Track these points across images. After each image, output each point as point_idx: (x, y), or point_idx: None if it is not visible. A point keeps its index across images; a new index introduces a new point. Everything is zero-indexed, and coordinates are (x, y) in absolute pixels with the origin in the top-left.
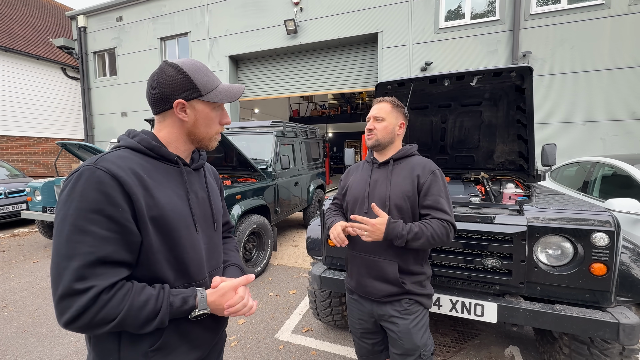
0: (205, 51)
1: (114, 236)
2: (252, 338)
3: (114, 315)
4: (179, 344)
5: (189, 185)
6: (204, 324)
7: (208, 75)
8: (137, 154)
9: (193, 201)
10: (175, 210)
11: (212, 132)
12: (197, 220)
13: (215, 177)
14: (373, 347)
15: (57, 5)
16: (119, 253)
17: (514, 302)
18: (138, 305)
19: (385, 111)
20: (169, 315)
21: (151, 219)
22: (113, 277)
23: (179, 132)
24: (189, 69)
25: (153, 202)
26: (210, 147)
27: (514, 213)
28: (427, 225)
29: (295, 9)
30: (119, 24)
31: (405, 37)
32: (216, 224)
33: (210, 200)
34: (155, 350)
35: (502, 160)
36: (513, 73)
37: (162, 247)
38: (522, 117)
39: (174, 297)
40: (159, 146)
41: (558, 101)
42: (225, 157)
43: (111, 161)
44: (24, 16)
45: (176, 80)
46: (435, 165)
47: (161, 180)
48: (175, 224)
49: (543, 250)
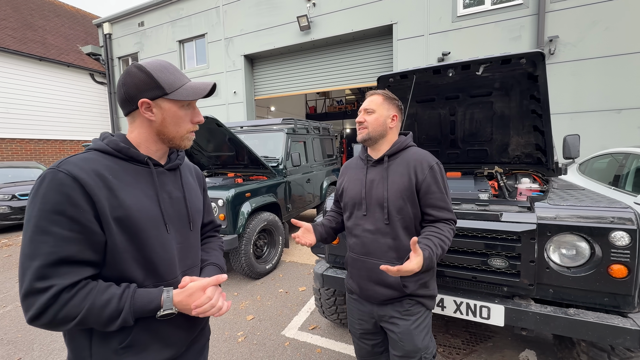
0: (222, 51)
1: (77, 236)
2: (259, 334)
3: (76, 313)
4: (149, 342)
5: (160, 185)
6: (176, 323)
7: (174, 73)
8: (105, 156)
9: (165, 201)
10: (142, 211)
11: (182, 130)
12: (168, 220)
13: (197, 176)
14: (373, 348)
15: (85, 14)
16: (83, 253)
17: (523, 305)
18: (100, 304)
19: (376, 103)
20: (132, 314)
21: (116, 220)
22: (75, 276)
23: (148, 132)
24: (153, 69)
25: (118, 202)
26: (183, 146)
27: (524, 210)
28: (443, 237)
29: (308, 4)
30: (141, 29)
31: (421, 28)
32: (192, 224)
33: (185, 200)
34: (126, 348)
35: (517, 153)
36: (523, 60)
37: (130, 247)
38: (537, 107)
39: (138, 297)
40: (127, 147)
41: (589, 88)
42: (237, 155)
43: (74, 163)
44: (56, 26)
45: (140, 80)
46: (432, 158)
47: (129, 181)
48: (142, 224)
49: (556, 250)
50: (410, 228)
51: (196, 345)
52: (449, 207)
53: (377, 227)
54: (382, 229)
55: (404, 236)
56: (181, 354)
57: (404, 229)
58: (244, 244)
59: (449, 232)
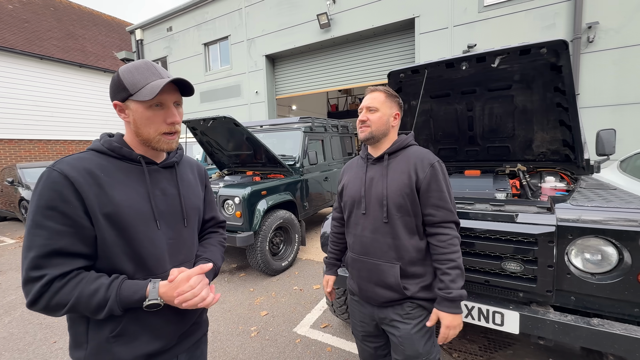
0: (244, 52)
1: (68, 230)
2: (271, 330)
3: (66, 300)
4: (139, 333)
5: (153, 182)
6: (165, 316)
7: (143, 73)
8: (100, 155)
9: (157, 197)
10: (132, 207)
11: (152, 131)
12: (159, 216)
13: (199, 173)
14: (376, 351)
15: (120, 22)
16: (74, 245)
17: (541, 312)
18: (88, 293)
19: (378, 101)
20: (118, 304)
21: (105, 215)
22: (66, 267)
23: (131, 133)
24: (123, 70)
25: (107, 199)
26: (160, 148)
27: (543, 211)
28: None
29: (328, 2)
30: (169, 34)
31: (444, 20)
32: (186, 220)
33: (180, 197)
34: (116, 337)
35: (543, 150)
36: (544, 49)
37: (119, 242)
38: (563, 100)
39: (125, 287)
40: (119, 147)
41: (634, 78)
42: (255, 154)
43: (67, 162)
44: (94, 34)
45: (113, 83)
46: (433, 156)
47: (121, 179)
48: (130, 220)
49: (579, 254)
50: (411, 227)
51: (190, 339)
52: (449, 207)
53: (376, 226)
54: (382, 228)
55: (404, 235)
56: (172, 347)
57: (404, 228)
58: (259, 241)
59: (454, 241)
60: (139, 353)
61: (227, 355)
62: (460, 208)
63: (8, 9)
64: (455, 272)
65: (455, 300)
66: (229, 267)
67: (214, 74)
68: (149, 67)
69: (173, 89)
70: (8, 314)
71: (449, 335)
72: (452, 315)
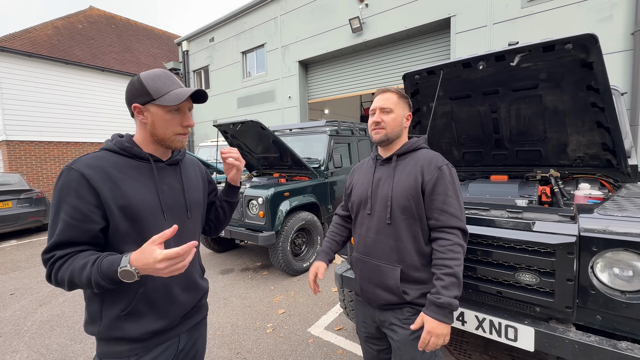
0: (278, 59)
1: (78, 224)
2: (286, 328)
3: (64, 276)
4: (147, 313)
5: (160, 178)
6: (169, 298)
7: (165, 82)
8: (113, 154)
9: (164, 192)
10: (142, 200)
11: (169, 133)
12: (166, 208)
13: (200, 170)
14: (378, 354)
15: (170, 35)
16: (81, 237)
17: (560, 330)
18: (79, 268)
19: (392, 102)
20: (101, 276)
21: (119, 208)
22: (70, 251)
23: (145, 133)
24: (145, 77)
25: (121, 193)
26: (174, 147)
27: (565, 220)
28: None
29: (361, 5)
30: (211, 44)
31: (483, 18)
32: (189, 212)
33: (184, 192)
34: (127, 315)
35: (579, 154)
36: (569, 45)
37: (131, 231)
38: (597, 99)
39: (105, 261)
40: (130, 147)
41: None
42: (282, 157)
43: (84, 162)
44: (147, 47)
45: (134, 87)
46: (443, 159)
47: (132, 175)
48: (141, 212)
49: (606, 269)
50: (415, 231)
51: (190, 320)
52: (455, 212)
53: (380, 227)
54: (385, 229)
55: (407, 238)
56: (175, 326)
57: (408, 231)
58: (281, 241)
59: (452, 248)
60: (145, 330)
61: (242, 348)
62: (474, 214)
63: (78, 28)
64: (450, 279)
65: (442, 306)
66: (253, 265)
67: (250, 80)
68: (168, 76)
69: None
70: (63, 295)
71: (430, 342)
72: (436, 322)
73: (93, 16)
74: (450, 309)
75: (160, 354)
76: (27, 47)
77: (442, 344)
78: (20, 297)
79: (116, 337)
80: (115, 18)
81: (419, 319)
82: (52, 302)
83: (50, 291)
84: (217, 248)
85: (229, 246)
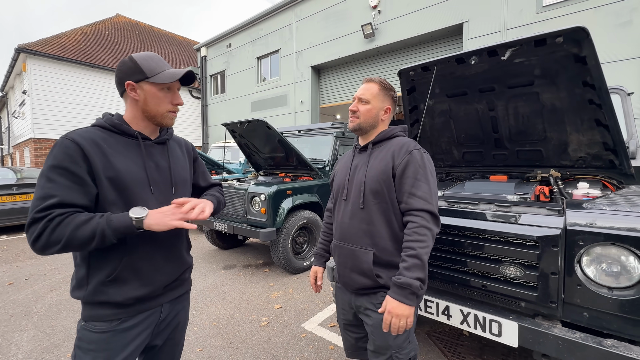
0: (292, 64)
1: (75, 186)
2: (281, 322)
3: (64, 233)
4: (130, 279)
5: (148, 155)
6: (152, 265)
7: (157, 62)
8: (103, 130)
9: (151, 168)
10: (130, 173)
11: (161, 109)
12: (153, 183)
13: (187, 150)
14: (357, 342)
15: (189, 42)
16: (80, 199)
17: (544, 326)
18: (81, 222)
19: (371, 93)
20: (107, 225)
21: (108, 178)
22: (70, 210)
23: (135, 110)
24: (138, 57)
25: (109, 165)
26: (165, 124)
27: (553, 213)
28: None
29: (373, 12)
30: (228, 50)
31: (496, 24)
32: (174, 188)
33: (170, 169)
34: (111, 281)
35: (581, 154)
36: (560, 38)
37: (118, 201)
38: (594, 96)
39: (114, 216)
40: (119, 124)
41: None
42: (287, 157)
43: (77, 133)
44: (168, 53)
45: (128, 66)
46: (415, 144)
47: (120, 150)
48: (128, 184)
49: (592, 263)
50: (388, 215)
51: (173, 292)
52: (423, 195)
53: (354, 212)
54: (358, 214)
55: (379, 222)
56: (158, 296)
57: (380, 215)
58: (282, 238)
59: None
60: (128, 295)
61: (235, 338)
62: (462, 207)
63: (105, 34)
64: (413, 260)
65: (402, 287)
66: (255, 262)
67: (264, 85)
68: (159, 58)
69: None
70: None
71: (392, 323)
72: (397, 302)
73: (119, 23)
74: (410, 290)
75: (142, 320)
76: (57, 51)
77: (404, 326)
78: (33, 282)
79: (101, 301)
80: (140, 25)
81: (385, 300)
82: (62, 287)
83: (61, 278)
84: (221, 245)
85: (233, 243)
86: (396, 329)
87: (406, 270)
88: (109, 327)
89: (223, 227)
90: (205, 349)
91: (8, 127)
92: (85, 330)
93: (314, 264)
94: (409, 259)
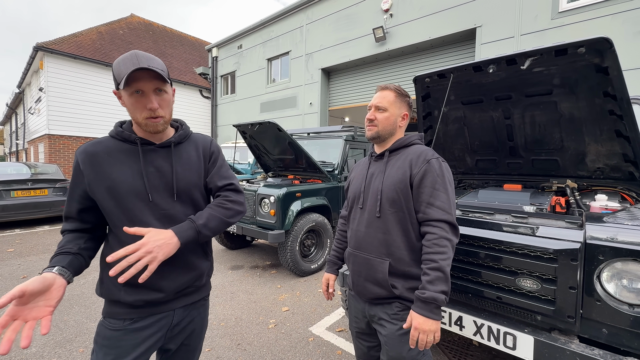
0: (302, 66)
1: (79, 199)
2: (288, 325)
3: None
4: (140, 286)
5: (148, 160)
6: (160, 273)
7: (126, 64)
8: (111, 139)
9: (150, 174)
10: (125, 182)
11: (139, 117)
12: (152, 189)
13: (203, 150)
14: (369, 351)
15: (201, 42)
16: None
17: (561, 341)
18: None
19: (388, 100)
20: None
21: (106, 189)
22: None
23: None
24: (115, 62)
25: (106, 175)
26: (150, 131)
27: (572, 227)
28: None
29: (385, 15)
30: (239, 51)
31: (510, 29)
32: (176, 194)
33: (173, 174)
34: (122, 284)
35: (599, 165)
36: (582, 49)
37: (116, 210)
38: (615, 107)
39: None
40: (121, 131)
41: None
42: (297, 159)
43: (84, 146)
44: (179, 52)
45: (113, 75)
46: (433, 153)
47: (121, 158)
48: (124, 193)
49: (613, 279)
50: (405, 224)
51: (186, 298)
52: (442, 205)
53: (370, 221)
54: (375, 223)
55: (396, 232)
56: (169, 301)
57: (397, 224)
58: (290, 241)
59: (437, 242)
60: (138, 298)
61: (243, 340)
62: (477, 217)
63: (119, 33)
64: (436, 273)
65: (427, 302)
66: (263, 264)
67: (274, 86)
68: (131, 57)
69: (151, 76)
70: (84, 277)
71: (419, 339)
72: (423, 318)
73: (133, 23)
74: (435, 304)
75: (153, 323)
76: (73, 49)
77: (432, 341)
78: None
79: (115, 300)
80: (153, 25)
81: (409, 316)
82: (74, 282)
83: None
84: (229, 245)
85: (241, 244)
86: (423, 344)
87: (429, 284)
88: (121, 326)
89: (232, 228)
90: (214, 349)
91: (24, 123)
92: (102, 326)
93: (327, 271)
94: (431, 271)
